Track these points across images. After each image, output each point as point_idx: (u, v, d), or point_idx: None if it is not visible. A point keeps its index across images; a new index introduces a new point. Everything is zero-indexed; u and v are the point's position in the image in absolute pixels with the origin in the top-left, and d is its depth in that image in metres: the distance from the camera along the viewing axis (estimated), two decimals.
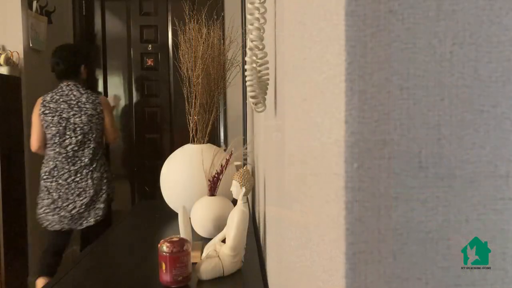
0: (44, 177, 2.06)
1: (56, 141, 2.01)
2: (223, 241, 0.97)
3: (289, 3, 0.45)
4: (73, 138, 2.01)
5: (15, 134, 2.42)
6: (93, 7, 3.11)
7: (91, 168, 2.05)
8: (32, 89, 2.61)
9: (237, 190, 0.94)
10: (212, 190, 1.15)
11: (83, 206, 2.03)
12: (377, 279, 0.25)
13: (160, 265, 0.83)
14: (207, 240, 1.10)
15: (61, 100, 2.02)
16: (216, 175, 1.14)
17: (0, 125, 2.25)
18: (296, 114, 0.41)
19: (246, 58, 0.55)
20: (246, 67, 0.55)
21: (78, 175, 2.03)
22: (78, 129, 2.01)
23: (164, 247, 0.83)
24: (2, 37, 2.48)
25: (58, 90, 2.05)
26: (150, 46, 3.10)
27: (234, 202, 1.00)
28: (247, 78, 0.56)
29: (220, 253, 0.89)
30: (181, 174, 1.32)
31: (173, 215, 1.42)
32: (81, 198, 2.03)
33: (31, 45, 2.53)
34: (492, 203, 0.25)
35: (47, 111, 2.02)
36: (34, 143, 2.07)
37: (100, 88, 3.12)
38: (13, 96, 2.42)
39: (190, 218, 1.15)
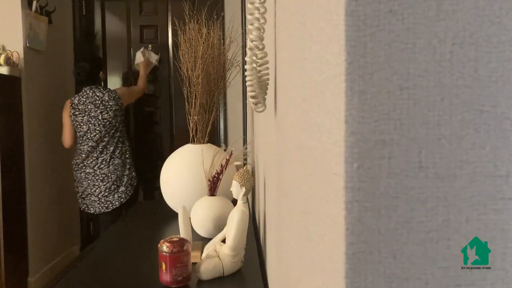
0: (75, 168, 2.42)
1: (89, 136, 2.35)
2: (223, 241, 0.97)
3: (289, 3, 0.45)
4: (103, 131, 2.36)
5: (15, 134, 2.42)
6: (93, 7, 3.11)
7: (113, 155, 2.39)
8: (32, 89, 2.61)
9: (237, 190, 0.94)
10: (212, 190, 1.15)
11: (107, 190, 2.36)
12: (377, 279, 0.26)
13: (160, 265, 0.83)
14: (207, 240, 1.10)
15: (87, 101, 2.36)
16: (216, 175, 1.14)
17: (0, 125, 2.25)
18: (296, 114, 0.41)
19: (246, 58, 0.55)
20: (246, 67, 0.55)
21: (104, 162, 2.37)
22: (107, 123, 2.36)
23: (164, 247, 0.83)
24: (2, 37, 2.48)
25: (83, 93, 2.39)
26: (150, 46, 3.09)
27: (234, 202, 1.00)
28: (247, 78, 0.56)
29: (220, 253, 0.89)
30: (181, 174, 1.32)
31: (173, 215, 1.42)
32: (104, 183, 2.36)
33: (28, 45, 2.53)
34: (492, 203, 0.25)
35: (77, 113, 2.36)
36: (68, 140, 2.43)
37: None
38: (13, 96, 2.42)
39: (190, 218, 1.15)
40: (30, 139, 2.57)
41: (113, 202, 2.37)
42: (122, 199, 2.39)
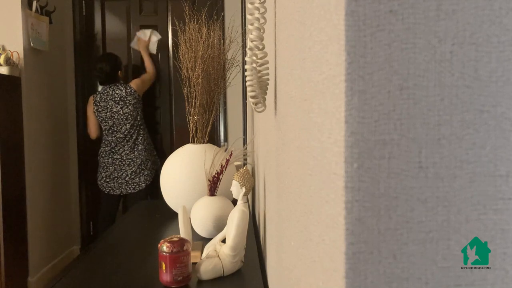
0: (103, 155, 2.67)
1: (114, 129, 2.62)
2: (223, 241, 0.97)
3: (289, 3, 0.45)
4: (127, 124, 2.62)
5: (15, 134, 2.42)
6: (93, 7, 3.11)
7: (136, 142, 2.65)
8: (32, 89, 2.61)
9: (237, 190, 0.94)
10: (212, 190, 1.15)
11: (133, 174, 2.63)
12: (377, 279, 0.26)
13: (160, 265, 0.83)
14: (207, 240, 1.10)
15: (108, 99, 2.61)
16: (216, 175, 1.14)
17: (0, 125, 2.25)
18: (296, 114, 0.41)
19: (246, 58, 0.55)
20: (246, 67, 0.55)
21: (129, 149, 2.64)
22: (129, 116, 2.62)
23: (164, 247, 0.83)
24: (2, 37, 2.48)
25: (104, 91, 2.63)
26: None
27: (234, 202, 1.00)
28: (247, 78, 0.56)
29: (220, 253, 0.89)
30: (181, 174, 1.32)
31: (173, 215, 1.42)
32: (130, 167, 2.63)
33: (32, 45, 2.53)
34: (492, 203, 0.25)
35: (100, 109, 2.61)
36: (93, 132, 2.72)
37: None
38: (13, 96, 2.42)
39: (190, 218, 1.15)
40: (30, 139, 2.57)
41: (140, 183, 2.63)
42: (147, 181, 2.65)
